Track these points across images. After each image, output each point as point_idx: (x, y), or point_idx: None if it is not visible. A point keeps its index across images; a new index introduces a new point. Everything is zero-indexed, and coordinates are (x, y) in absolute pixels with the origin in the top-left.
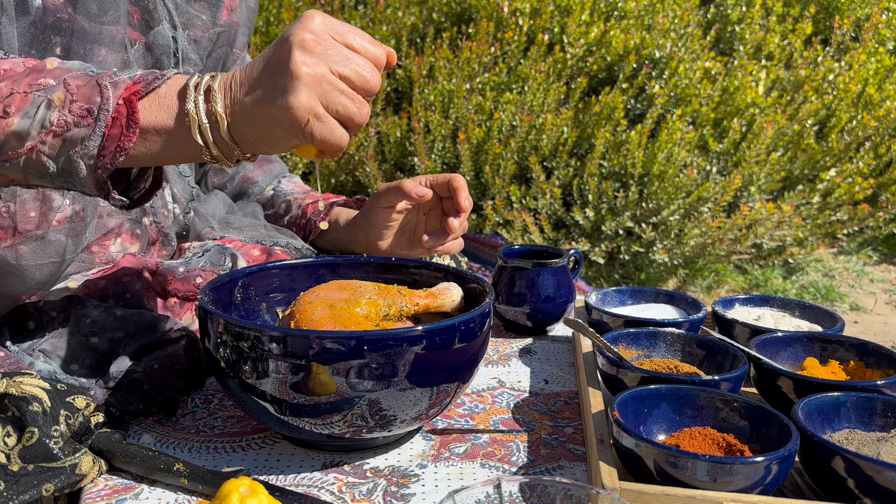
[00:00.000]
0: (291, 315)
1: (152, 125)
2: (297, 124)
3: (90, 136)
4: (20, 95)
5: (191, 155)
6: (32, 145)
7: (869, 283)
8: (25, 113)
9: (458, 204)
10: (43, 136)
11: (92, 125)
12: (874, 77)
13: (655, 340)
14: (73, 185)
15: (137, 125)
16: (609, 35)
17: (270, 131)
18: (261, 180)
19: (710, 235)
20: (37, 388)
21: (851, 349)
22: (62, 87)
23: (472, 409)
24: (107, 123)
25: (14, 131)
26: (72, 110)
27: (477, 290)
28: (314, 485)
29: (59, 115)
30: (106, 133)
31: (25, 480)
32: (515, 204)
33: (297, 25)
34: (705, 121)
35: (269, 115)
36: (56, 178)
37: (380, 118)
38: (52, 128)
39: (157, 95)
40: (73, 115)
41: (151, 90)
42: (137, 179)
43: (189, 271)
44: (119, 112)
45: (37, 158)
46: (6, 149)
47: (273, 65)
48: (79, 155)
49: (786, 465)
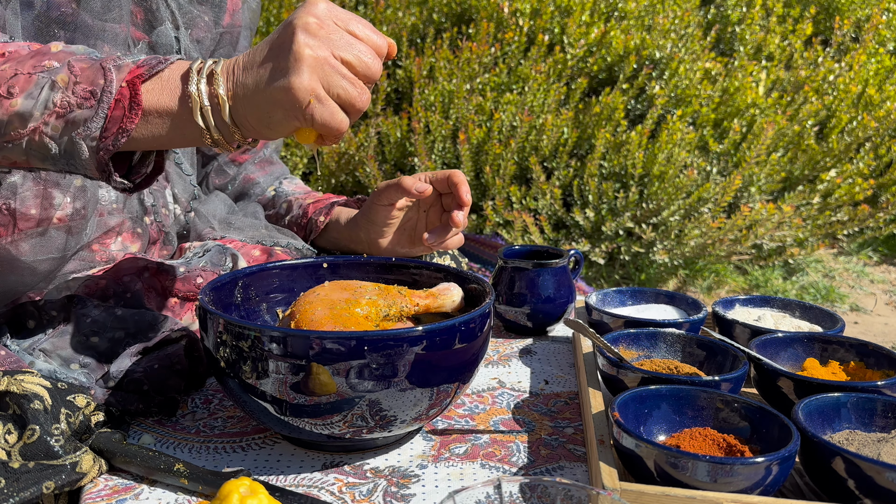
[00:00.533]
0: (292, 315)
1: (154, 107)
2: (298, 105)
3: (93, 118)
4: (24, 76)
5: (192, 138)
6: (35, 126)
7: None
8: (29, 94)
9: (459, 198)
10: (46, 118)
11: (95, 107)
12: (874, 78)
13: (656, 341)
14: (75, 168)
15: (140, 107)
16: (609, 35)
17: (272, 113)
18: (262, 181)
19: (710, 236)
20: (38, 386)
21: (852, 350)
22: (66, 69)
23: (473, 409)
24: (109, 105)
25: (17, 112)
26: (75, 92)
27: (477, 291)
28: (314, 485)
29: (62, 97)
30: (108, 115)
31: (26, 478)
32: (516, 204)
33: (302, 10)
34: (705, 121)
35: (270, 96)
36: (58, 160)
37: (380, 118)
38: (55, 109)
39: (160, 79)
40: (76, 97)
41: (155, 73)
42: (139, 164)
43: (189, 271)
44: (122, 94)
45: (39, 140)
46: (9, 129)
47: (276, 48)
48: (81, 136)
49: (786, 465)
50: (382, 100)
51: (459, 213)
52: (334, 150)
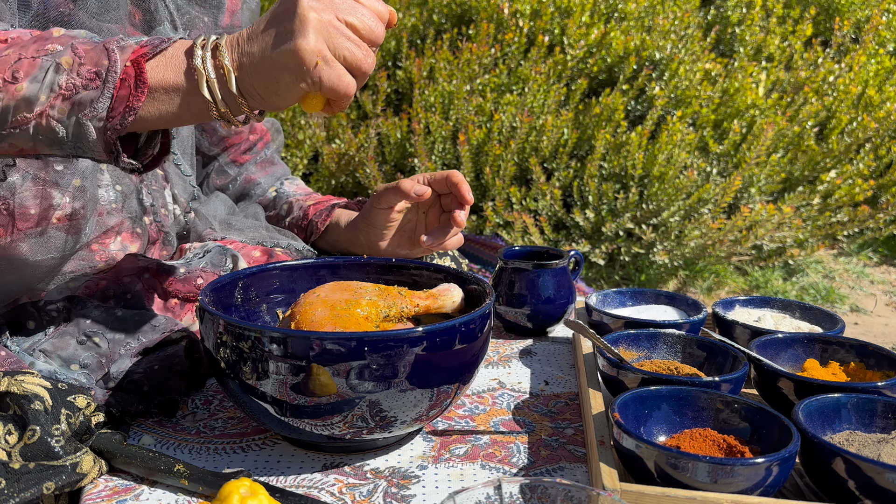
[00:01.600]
0: (292, 316)
1: (161, 84)
2: (305, 67)
3: (99, 98)
4: (28, 60)
5: (199, 113)
6: (42, 110)
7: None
8: (34, 77)
9: (462, 197)
10: (52, 101)
11: (100, 87)
12: (874, 79)
13: (656, 342)
14: (83, 151)
15: (146, 85)
16: (609, 36)
17: (279, 78)
18: (263, 182)
19: (710, 237)
20: (38, 386)
21: (852, 350)
22: (70, 52)
23: (473, 410)
24: (115, 85)
25: (24, 96)
26: (80, 73)
27: (477, 292)
28: (314, 486)
29: (67, 79)
30: (115, 94)
31: (26, 478)
32: (516, 205)
33: None
34: (705, 122)
35: (277, 61)
36: (65, 143)
37: (380, 119)
38: (60, 91)
39: (164, 56)
40: (81, 78)
41: (159, 52)
42: (145, 146)
43: (190, 272)
44: (127, 73)
45: (47, 124)
46: (16, 114)
47: (280, 14)
48: (88, 118)
49: (786, 466)
50: (382, 101)
51: (461, 212)
52: (334, 151)
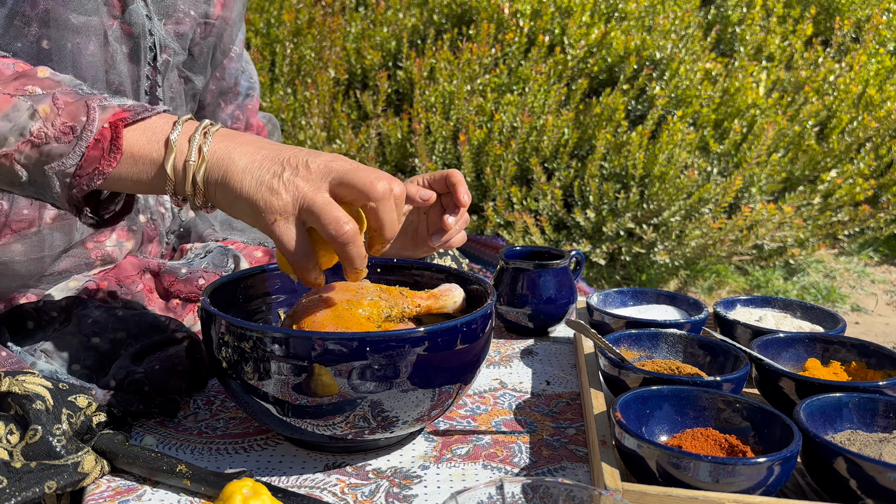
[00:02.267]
0: (294, 316)
1: (134, 152)
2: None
3: (69, 154)
4: (4, 96)
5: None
6: (8, 152)
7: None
8: (6, 115)
9: (457, 199)
10: (20, 146)
11: (73, 142)
12: (875, 78)
13: (657, 341)
14: (44, 197)
15: (120, 151)
16: (610, 36)
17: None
18: None
19: (711, 236)
20: (39, 386)
21: (853, 350)
22: (50, 101)
23: (474, 410)
24: (88, 144)
25: None
26: (55, 124)
27: (479, 292)
28: (316, 486)
29: (40, 127)
30: (86, 153)
31: (28, 478)
32: (516, 205)
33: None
34: (706, 122)
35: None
36: (26, 187)
37: (381, 120)
38: (30, 138)
39: (143, 125)
40: (54, 129)
41: (139, 119)
42: (108, 200)
43: (191, 272)
44: (103, 135)
45: (10, 165)
46: None
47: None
48: (54, 171)
49: (788, 465)
50: (383, 101)
51: (451, 217)
52: (335, 152)
